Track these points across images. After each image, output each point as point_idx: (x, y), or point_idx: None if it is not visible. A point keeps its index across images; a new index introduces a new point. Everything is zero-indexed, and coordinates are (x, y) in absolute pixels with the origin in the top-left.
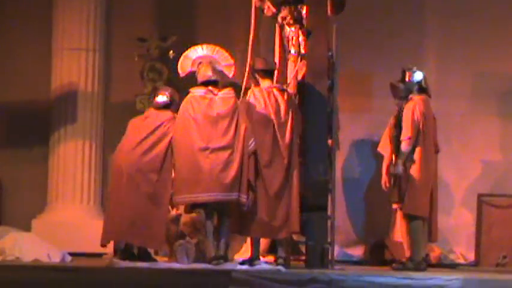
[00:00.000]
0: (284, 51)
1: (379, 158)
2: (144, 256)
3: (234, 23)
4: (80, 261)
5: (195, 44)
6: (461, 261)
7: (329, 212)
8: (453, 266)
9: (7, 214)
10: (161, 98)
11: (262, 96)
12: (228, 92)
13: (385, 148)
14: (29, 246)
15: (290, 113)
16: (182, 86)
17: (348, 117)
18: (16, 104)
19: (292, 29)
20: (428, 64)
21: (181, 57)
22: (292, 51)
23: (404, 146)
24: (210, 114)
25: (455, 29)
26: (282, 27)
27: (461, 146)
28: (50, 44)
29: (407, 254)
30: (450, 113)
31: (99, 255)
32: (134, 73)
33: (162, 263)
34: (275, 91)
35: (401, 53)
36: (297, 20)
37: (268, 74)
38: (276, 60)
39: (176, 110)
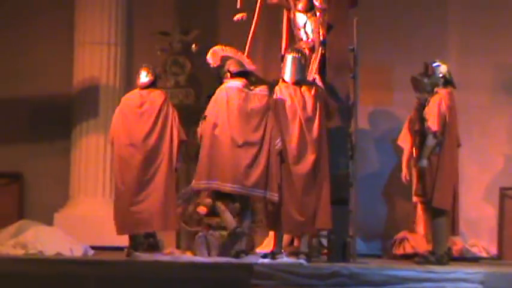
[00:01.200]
0: (292, 37)
1: (399, 151)
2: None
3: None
4: (101, 254)
5: (218, 37)
6: (484, 254)
7: (350, 206)
8: (475, 260)
9: (29, 208)
10: (145, 78)
11: (289, 91)
12: (263, 89)
13: (405, 141)
14: (51, 240)
15: (318, 107)
16: (205, 80)
17: (368, 110)
18: (38, 98)
19: (304, 16)
20: (449, 56)
21: (210, 52)
22: (304, 38)
23: (430, 140)
24: (244, 108)
25: (477, 22)
26: (292, 14)
27: (483, 139)
28: (72, 38)
29: (430, 247)
30: (472, 105)
31: (120, 248)
32: (156, 67)
33: (184, 256)
34: (302, 86)
35: (422, 46)
36: (309, 8)
37: None
38: (283, 46)
39: (161, 87)
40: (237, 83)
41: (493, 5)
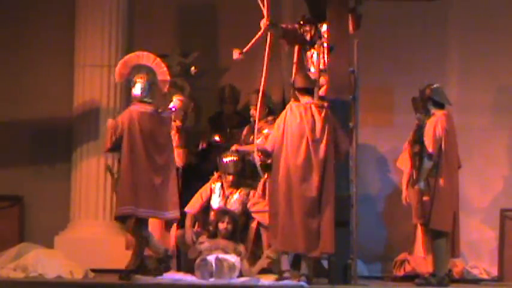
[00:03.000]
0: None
1: (400, 172)
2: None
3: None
4: (102, 277)
5: (217, 59)
6: (485, 276)
7: (351, 227)
8: (476, 282)
9: (30, 231)
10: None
11: (299, 111)
12: (169, 112)
13: (404, 163)
14: (51, 263)
15: (326, 129)
16: (204, 102)
17: (369, 132)
18: (38, 120)
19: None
20: (450, 78)
21: (121, 63)
22: (312, 69)
23: (426, 162)
24: (155, 132)
25: (477, 43)
26: (303, 47)
27: (483, 161)
28: (72, 61)
29: (430, 269)
30: (472, 127)
31: (121, 271)
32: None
33: (184, 279)
34: (313, 107)
35: (423, 68)
36: (316, 39)
37: (308, 91)
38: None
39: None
40: (148, 107)
41: (493, 27)
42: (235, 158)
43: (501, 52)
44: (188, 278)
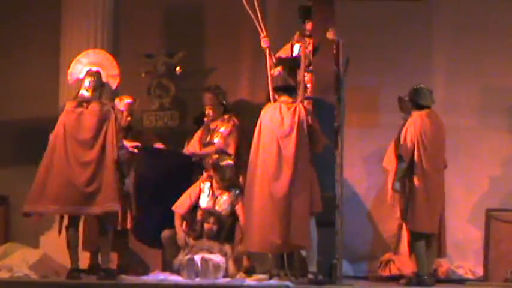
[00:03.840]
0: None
1: (386, 172)
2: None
3: (242, 40)
4: (88, 278)
5: (203, 59)
6: (470, 276)
7: (336, 227)
8: (461, 281)
9: (15, 231)
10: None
11: (269, 111)
12: (95, 105)
13: (390, 163)
14: (37, 263)
15: (296, 124)
16: (189, 102)
17: (355, 132)
18: (24, 121)
19: (298, 45)
20: (436, 78)
21: (73, 62)
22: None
23: (400, 163)
24: (76, 128)
25: (464, 43)
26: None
27: (469, 161)
28: (58, 61)
29: (415, 269)
30: (459, 127)
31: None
32: (141, 89)
33: (169, 278)
34: (283, 105)
35: (409, 68)
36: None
37: (284, 90)
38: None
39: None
40: (72, 104)
41: (480, 27)
42: (231, 162)
43: (488, 53)
44: (174, 278)
